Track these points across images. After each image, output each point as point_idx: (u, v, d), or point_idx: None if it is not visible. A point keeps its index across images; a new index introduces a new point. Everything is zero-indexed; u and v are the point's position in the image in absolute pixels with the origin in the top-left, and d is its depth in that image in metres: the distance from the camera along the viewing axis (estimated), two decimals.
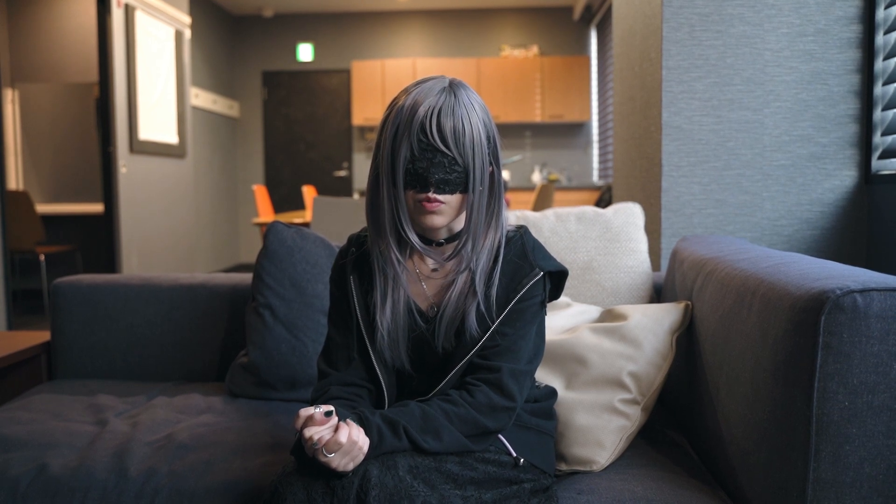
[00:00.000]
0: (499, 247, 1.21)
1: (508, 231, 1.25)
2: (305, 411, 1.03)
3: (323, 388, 1.23)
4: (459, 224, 1.21)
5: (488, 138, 1.16)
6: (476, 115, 1.14)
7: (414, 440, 1.10)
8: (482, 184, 1.15)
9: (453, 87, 1.15)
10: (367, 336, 1.23)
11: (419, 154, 1.11)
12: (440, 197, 1.13)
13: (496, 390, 1.16)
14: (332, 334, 1.28)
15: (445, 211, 1.15)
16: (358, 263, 1.26)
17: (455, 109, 1.11)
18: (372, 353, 1.22)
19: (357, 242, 1.28)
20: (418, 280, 1.24)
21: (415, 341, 1.23)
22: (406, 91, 1.15)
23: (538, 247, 1.25)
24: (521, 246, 1.23)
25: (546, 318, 1.56)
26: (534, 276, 1.20)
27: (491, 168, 1.18)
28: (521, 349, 1.19)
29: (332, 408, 1.03)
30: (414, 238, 1.16)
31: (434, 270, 1.24)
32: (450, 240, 1.22)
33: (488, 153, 1.16)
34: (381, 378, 1.22)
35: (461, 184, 1.13)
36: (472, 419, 1.13)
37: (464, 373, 1.20)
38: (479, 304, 1.18)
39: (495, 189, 1.19)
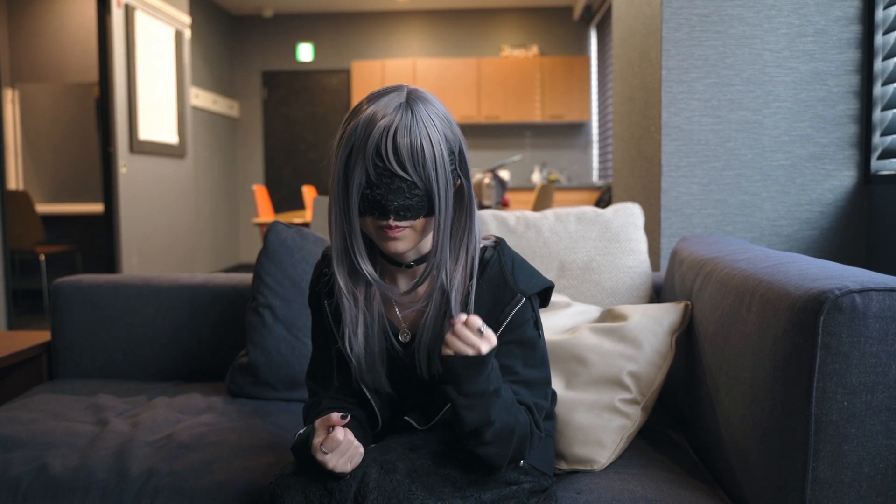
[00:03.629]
0: (472, 265, 1.13)
1: (485, 249, 1.17)
2: (334, 414, 1.03)
3: (315, 404, 1.22)
4: (427, 245, 1.14)
5: (451, 153, 1.07)
6: (436, 130, 1.04)
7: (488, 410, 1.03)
8: (446, 204, 1.06)
9: (410, 101, 1.05)
10: (348, 360, 1.18)
11: (376, 179, 1.02)
12: (401, 224, 1.05)
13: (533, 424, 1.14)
14: (316, 355, 1.26)
15: (408, 236, 1.07)
16: (330, 287, 1.18)
17: (412, 128, 1.02)
18: (357, 379, 1.20)
19: (330, 262, 1.19)
20: (392, 304, 1.18)
21: (395, 365, 1.19)
22: (365, 102, 1.06)
23: (518, 265, 1.17)
24: (500, 268, 1.15)
25: (545, 318, 1.56)
26: (516, 302, 1.13)
27: (458, 182, 1.10)
28: (532, 379, 1.16)
29: (347, 415, 1.03)
30: (368, 269, 1.09)
31: (405, 294, 1.15)
32: (419, 261, 1.14)
33: (451, 169, 1.07)
34: (370, 399, 1.20)
35: (423, 208, 1.05)
36: (524, 433, 1.10)
37: None
38: None
39: (465, 204, 1.11)
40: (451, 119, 1.09)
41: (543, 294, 1.21)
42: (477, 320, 1.00)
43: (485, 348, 1.00)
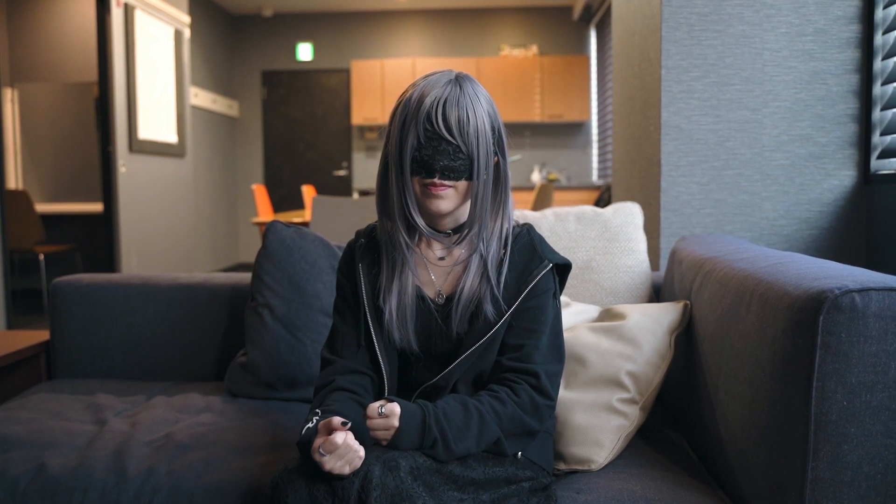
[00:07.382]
0: (507, 235, 1.25)
1: (516, 226, 1.29)
2: (336, 419, 1.06)
3: (327, 377, 1.25)
4: (465, 215, 1.24)
5: (493, 129, 1.20)
6: (481, 106, 1.18)
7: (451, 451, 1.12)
8: (486, 172, 1.19)
9: (459, 79, 1.19)
10: (373, 320, 1.25)
11: (425, 142, 1.15)
12: (445, 182, 1.16)
13: (537, 392, 1.20)
14: (338, 324, 1.30)
15: (450, 196, 1.18)
16: (367, 252, 1.29)
17: (460, 100, 1.16)
18: (376, 338, 1.24)
19: (365, 233, 1.32)
20: (426, 268, 1.27)
21: (424, 326, 1.25)
22: (414, 84, 1.20)
23: (544, 241, 1.30)
24: (530, 240, 1.27)
25: None
26: (543, 267, 1.24)
27: (496, 158, 1.22)
28: (547, 346, 1.23)
29: (349, 422, 1.06)
30: (421, 222, 1.20)
31: (441, 259, 1.27)
32: (456, 230, 1.25)
33: (493, 143, 1.20)
34: (382, 366, 1.24)
35: (465, 171, 1.17)
36: (518, 418, 1.17)
37: (491, 375, 1.23)
38: (492, 290, 1.21)
39: (501, 179, 1.23)
40: (493, 102, 1.22)
41: (563, 274, 1.30)
42: (371, 408, 1.09)
43: (395, 421, 1.08)
